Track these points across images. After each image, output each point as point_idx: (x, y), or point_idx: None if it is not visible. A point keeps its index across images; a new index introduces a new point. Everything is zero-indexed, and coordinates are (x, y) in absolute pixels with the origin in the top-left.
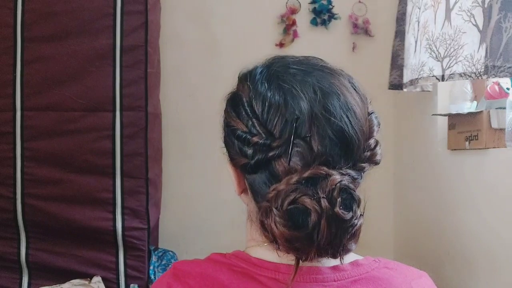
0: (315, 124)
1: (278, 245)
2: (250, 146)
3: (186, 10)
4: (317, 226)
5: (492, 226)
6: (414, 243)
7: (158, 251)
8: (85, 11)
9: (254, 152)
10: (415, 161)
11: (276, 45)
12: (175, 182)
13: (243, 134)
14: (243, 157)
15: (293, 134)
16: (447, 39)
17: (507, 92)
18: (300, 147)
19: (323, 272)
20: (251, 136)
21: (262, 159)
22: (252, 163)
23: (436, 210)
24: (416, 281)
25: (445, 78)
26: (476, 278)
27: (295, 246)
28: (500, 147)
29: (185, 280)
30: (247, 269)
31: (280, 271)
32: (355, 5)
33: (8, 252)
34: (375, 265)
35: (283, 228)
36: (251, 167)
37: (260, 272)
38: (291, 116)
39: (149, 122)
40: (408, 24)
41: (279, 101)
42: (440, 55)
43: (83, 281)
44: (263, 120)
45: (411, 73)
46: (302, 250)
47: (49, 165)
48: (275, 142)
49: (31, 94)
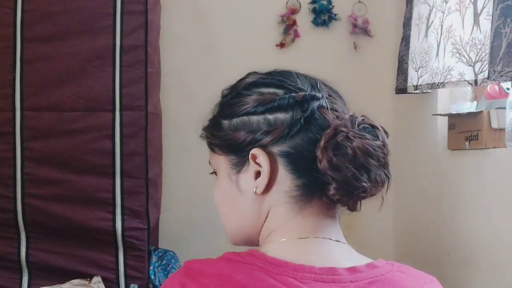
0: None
1: (346, 174)
2: (290, 107)
3: (186, 10)
4: (383, 140)
5: (492, 226)
6: (414, 243)
7: (158, 251)
8: (85, 11)
9: (300, 108)
10: (415, 161)
11: (276, 45)
12: (175, 182)
13: (286, 96)
14: (280, 124)
15: (321, 90)
16: (477, 44)
17: (507, 92)
18: (329, 100)
19: (340, 273)
20: (297, 91)
21: (314, 110)
22: (304, 118)
23: (436, 210)
24: (428, 286)
25: (478, 82)
26: (476, 278)
27: (373, 156)
28: (500, 147)
29: (200, 280)
30: (264, 268)
31: (298, 271)
32: (355, 5)
33: (8, 252)
34: (389, 268)
35: (364, 139)
36: (301, 125)
37: (277, 272)
38: (315, 81)
39: (149, 122)
40: (427, 27)
41: (295, 77)
42: (471, 60)
43: (83, 281)
44: (297, 83)
45: (432, 76)
46: (366, 167)
47: (49, 165)
48: (318, 93)
49: (31, 94)
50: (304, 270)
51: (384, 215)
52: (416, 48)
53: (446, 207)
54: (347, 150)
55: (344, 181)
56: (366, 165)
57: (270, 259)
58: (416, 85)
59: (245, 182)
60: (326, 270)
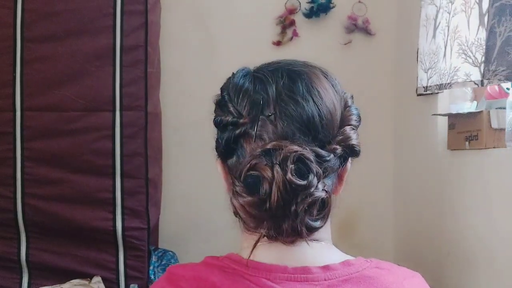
0: (279, 103)
1: (242, 220)
2: (224, 128)
3: (186, 10)
4: (269, 191)
5: (492, 226)
6: (414, 243)
7: (158, 251)
8: (85, 11)
9: (227, 133)
10: (415, 161)
11: (273, 43)
12: (175, 182)
13: (218, 118)
14: (219, 143)
15: (259, 112)
16: (482, 44)
17: (507, 92)
18: (265, 125)
19: (314, 272)
20: (224, 117)
21: (231, 137)
22: (223, 144)
23: (436, 210)
24: (408, 281)
25: (484, 83)
26: (476, 278)
27: (252, 214)
28: (500, 147)
29: (178, 283)
30: (239, 271)
31: (272, 271)
32: (355, 5)
33: (8, 252)
34: (366, 265)
35: (241, 197)
36: (224, 149)
37: (251, 273)
38: (258, 98)
39: (149, 122)
40: (434, 28)
41: (249, 87)
42: (477, 60)
43: (83, 281)
44: (234, 103)
45: (440, 77)
46: (259, 218)
47: (49, 165)
48: (242, 119)
49: (31, 94)
50: (277, 271)
51: (384, 215)
52: (425, 49)
53: (446, 207)
54: (233, 203)
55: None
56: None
57: (245, 262)
58: (426, 86)
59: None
60: (299, 269)
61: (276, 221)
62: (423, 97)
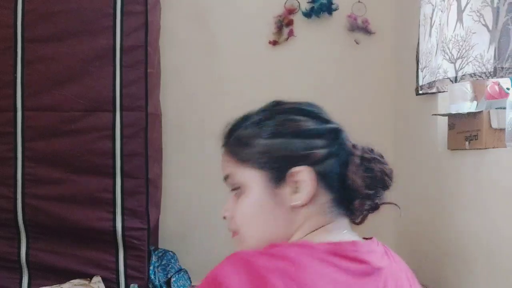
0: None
1: (370, 187)
2: (325, 135)
3: (186, 10)
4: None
5: (492, 226)
6: (413, 243)
7: (158, 251)
8: (85, 11)
9: (332, 136)
10: (415, 161)
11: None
12: (175, 182)
13: (314, 128)
14: (320, 148)
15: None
16: (459, 40)
17: (507, 92)
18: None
19: (363, 243)
20: (327, 122)
21: (343, 139)
22: (338, 144)
23: (436, 210)
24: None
25: (458, 79)
26: (476, 278)
27: (386, 179)
28: (500, 147)
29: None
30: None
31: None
32: (354, 5)
33: (8, 252)
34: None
35: (382, 164)
36: (335, 151)
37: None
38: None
39: (149, 122)
40: (430, 27)
41: (321, 109)
42: (453, 56)
43: (83, 281)
44: (324, 115)
45: (430, 75)
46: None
47: (49, 165)
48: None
49: (31, 94)
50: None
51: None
52: (423, 48)
53: (446, 207)
54: (375, 172)
55: (368, 196)
56: (387, 184)
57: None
58: (421, 86)
59: (283, 196)
60: (366, 243)
61: (384, 191)
62: (423, 97)
